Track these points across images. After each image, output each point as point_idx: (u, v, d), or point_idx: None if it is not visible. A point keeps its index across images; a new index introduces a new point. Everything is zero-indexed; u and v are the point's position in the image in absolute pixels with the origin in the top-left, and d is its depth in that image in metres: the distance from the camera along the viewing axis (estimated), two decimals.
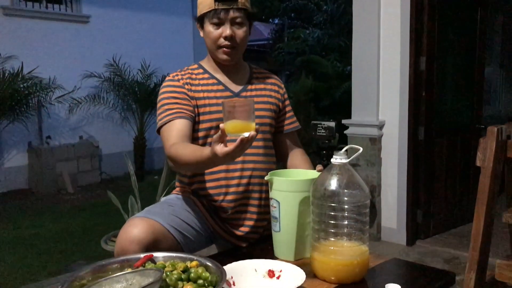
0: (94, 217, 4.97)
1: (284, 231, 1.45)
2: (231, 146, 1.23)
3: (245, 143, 1.23)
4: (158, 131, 1.60)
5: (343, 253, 1.30)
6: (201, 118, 1.61)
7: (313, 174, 1.57)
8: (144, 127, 7.05)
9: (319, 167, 1.56)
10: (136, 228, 1.43)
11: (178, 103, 1.58)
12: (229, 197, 1.63)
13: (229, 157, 1.26)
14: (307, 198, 1.37)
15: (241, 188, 1.63)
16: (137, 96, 6.98)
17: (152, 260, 1.26)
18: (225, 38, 1.57)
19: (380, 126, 3.75)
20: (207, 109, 1.61)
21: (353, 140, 3.82)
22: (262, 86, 1.74)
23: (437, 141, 3.86)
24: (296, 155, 1.81)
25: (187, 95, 1.61)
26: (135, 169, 5.27)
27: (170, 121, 1.55)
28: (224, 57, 1.61)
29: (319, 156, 3.65)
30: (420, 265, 1.71)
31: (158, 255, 1.29)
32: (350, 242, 1.31)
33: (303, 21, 11.08)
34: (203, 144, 1.62)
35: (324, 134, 3.63)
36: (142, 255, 1.27)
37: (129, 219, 1.52)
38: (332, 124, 3.79)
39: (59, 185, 6.36)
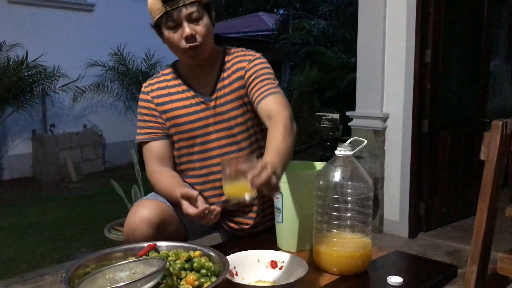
0: (97, 205, 4.99)
1: (287, 223, 1.46)
2: (194, 210, 1.30)
3: (210, 213, 1.31)
4: (139, 142, 1.64)
5: (345, 245, 1.30)
6: (172, 130, 1.60)
7: (317, 166, 1.58)
8: None
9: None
10: (145, 208, 1.46)
11: (150, 121, 1.61)
12: (223, 198, 1.62)
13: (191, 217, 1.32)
14: (310, 190, 1.37)
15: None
16: (141, 85, 6.97)
17: (155, 249, 1.27)
18: (186, 39, 1.45)
19: (384, 119, 3.74)
20: (177, 121, 1.58)
21: (357, 132, 3.81)
22: (232, 77, 1.56)
23: (441, 134, 3.85)
24: (272, 131, 1.36)
25: (157, 110, 1.60)
26: (139, 158, 5.30)
27: (146, 141, 1.60)
28: (191, 59, 1.53)
29: (323, 148, 3.64)
30: (422, 258, 1.71)
31: (162, 244, 1.30)
32: (353, 234, 1.31)
33: (308, 12, 11.01)
34: (179, 156, 1.62)
35: (328, 125, 3.62)
36: (145, 244, 1.28)
37: (138, 200, 1.55)
38: (336, 115, 3.77)
39: (62, 174, 6.39)
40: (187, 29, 1.44)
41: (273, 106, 1.44)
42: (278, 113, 1.39)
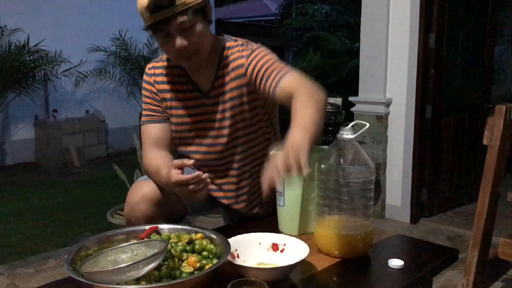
0: (100, 190, 5.01)
1: (288, 206, 1.46)
2: (186, 176, 1.27)
3: (201, 181, 1.28)
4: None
5: (347, 228, 1.30)
6: (171, 120, 1.58)
7: (319, 149, 1.57)
8: None
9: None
10: (144, 186, 1.47)
11: (151, 104, 1.59)
12: (225, 187, 1.63)
13: (181, 188, 1.29)
14: (312, 173, 1.36)
15: (234, 179, 1.62)
16: (143, 71, 6.94)
17: (157, 231, 1.28)
18: (179, 51, 1.38)
19: (387, 104, 3.72)
20: (173, 111, 1.56)
21: (359, 117, 3.80)
22: (231, 74, 1.50)
23: (444, 119, 3.83)
24: (294, 104, 1.31)
25: (157, 94, 1.58)
26: (141, 143, 5.27)
27: (145, 123, 1.58)
28: (187, 65, 1.49)
29: (325, 132, 3.64)
30: (424, 241, 1.72)
31: (163, 227, 1.31)
32: (354, 217, 1.31)
33: None
34: (186, 139, 1.59)
35: (331, 110, 3.62)
36: (147, 227, 1.29)
37: (137, 180, 1.55)
38: (338, 100, 3.77)
39: (65, 159, 6.41)
40: (178, 41, 1.35)
41: (289, 86, 1.36)
42: (297, 88, 1.33)
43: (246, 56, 1.48)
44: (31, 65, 6.00)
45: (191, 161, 1.34)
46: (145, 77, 1.62)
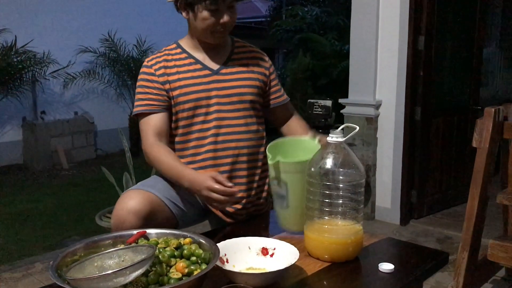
0: (88, 193, 4.97)
1: (293, 207, 1.44)
2: (220, 187, 1.37)
3: (231, 195, 1.38)
4: (135, 116, 1.65)
5: (337, 231, 1.29)
6: (179, 99, 1.59)
7: (307, 144, 1.55)
8: None
9: (323, 139, 1.51)
10: (132, 199, 1.44)
11: (151, 93, 1.60)
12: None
13: (209, 193, 1.39)
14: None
15: (227, 167, 1.61)
16: (133, 72, 6.90)
17: (145, 236, 1.26)
18: (223, 25, 1.53)
19: (377, 106, 3.73)
20: (183, 90, 1.59)
21: (349, 119, 3.80)
22: (244, 61, 1.69)
23: (434, 121, 3.85)
24: (291, 123, 1.82)
25: (159, 82, 1.59)
26: (130, 145, 5.24)
27: (146, 113, 1.60)
28: (218, 40, 1.60)
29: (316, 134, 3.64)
30: (414, 245, 1.72)
31: (151, 231, 1.28)
32: (344, 221, 1.31)
33: None
34: (186, 125, 1.61)
35: (321, 112, 3.62)
36: (135, 232, 1.27)
37: (125, 191, 1.54)
38: (328, 102, 3.77)
39: (53, 161, 6.34)
40: (226, 17, 1.52)
41: (291, 109, 1.84)
42: (294, 114, 1.84)
43: (266, 61, 1.76)
44: (19, 66, 5.93)
45: (230, 184, 1.40)
46: (144, 69, 1.64)
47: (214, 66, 1.63)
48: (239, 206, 1.64)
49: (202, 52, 1.64)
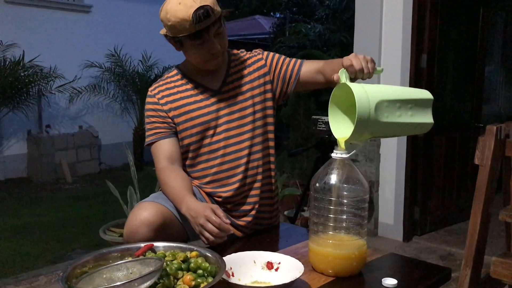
0: (92, 207, 4.98)
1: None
2: (216, 219, 1.38)
3: (224, 230, 1.38)
4: (147, 146, 1.69)
5: (341, 246, 1.31)
6: (186, 125, 1.63)
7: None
8: (143, 118, 7.03)
9: (335, 76, 1.46)
10: (146, 211, 1.47)
11: (157, 122, 1.64)
12: (228, 193, 1.65)
13: (205, 222, 1.39)
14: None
15: (237, 184, 1.64)
16: (138, 87, 6.98)
17: (152, 249, 1.28)
18: (213, 54, 1.55)
19: None
20: (189, 115, 1.62)
21: None
22: (243, 72, 1.69)
23: (436, 138, 3.87)
24: (325, 69, 1.69)
25: (164, 111, 1.63)
26: (134, 160, 5.27)
27: (155, 141, 1.63)
28: (213, 67, 1.62)
29: (319, 150, 3.65)
30: (417, 260, 1.72)
31: (159, 244, 1.31)
32: (348, 236, 1.33)
33: (305, 16, 11.03)
34: (195, 149, 1.64)
35: (324, 128, 3.63)
36: (142, 244, 1.29)
37: (139, 203, 1.57)
38: None
39: (57, 174, 6.37)
40: (216, 46, 1.53)
41: (313, 64, 1.73)
42: (323, 62, 1.72)
43: (261, 53, 1.73)
44: (26, 80, 6.01)
45: (227, 220, 1.41)
46: (148, 99, 1.68)
47: (215, 86, 1.65)
48: (249, 219, 1.67)
49: (200, 75, 1.66)
